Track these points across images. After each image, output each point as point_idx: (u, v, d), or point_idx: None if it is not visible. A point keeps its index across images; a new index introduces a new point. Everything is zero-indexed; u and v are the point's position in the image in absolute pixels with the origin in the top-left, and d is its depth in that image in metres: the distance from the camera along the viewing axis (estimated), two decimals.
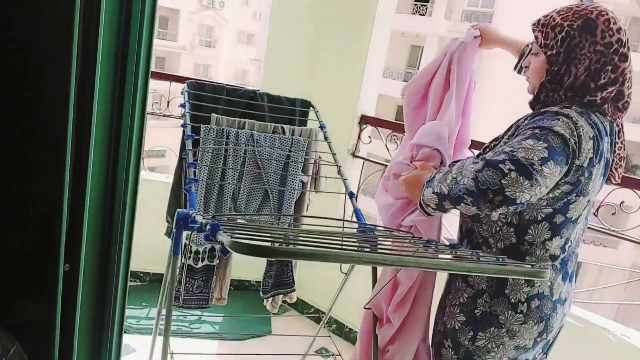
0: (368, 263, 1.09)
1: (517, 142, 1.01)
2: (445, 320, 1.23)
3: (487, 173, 0.98)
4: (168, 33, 20.89)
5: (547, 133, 1.00)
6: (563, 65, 1.10)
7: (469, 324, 1.18)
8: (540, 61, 1.15)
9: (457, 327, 1.19)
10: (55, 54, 0.59)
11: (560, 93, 1.12)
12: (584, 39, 1.07)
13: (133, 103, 0.70)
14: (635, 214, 1.88)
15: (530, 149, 0.98)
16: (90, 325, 0.76)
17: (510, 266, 1.02)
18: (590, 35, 1.07)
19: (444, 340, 1.22)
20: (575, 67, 1.09)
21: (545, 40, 1.12)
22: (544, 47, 1.12)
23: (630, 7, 15.15)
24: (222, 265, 1.85)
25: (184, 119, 1.64)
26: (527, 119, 1.12)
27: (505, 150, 1.00)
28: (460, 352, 1.19)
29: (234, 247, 0.76)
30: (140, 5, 0.66)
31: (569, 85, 1.11)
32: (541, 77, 1.15)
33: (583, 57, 1.08)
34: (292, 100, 1.93)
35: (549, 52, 1.12)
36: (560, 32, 1.09)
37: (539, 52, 1.15)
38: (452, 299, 1.22)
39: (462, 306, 1.19)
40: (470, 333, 1.17)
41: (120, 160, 0.71)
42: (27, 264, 0.66)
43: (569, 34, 1.08)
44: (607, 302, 9.98)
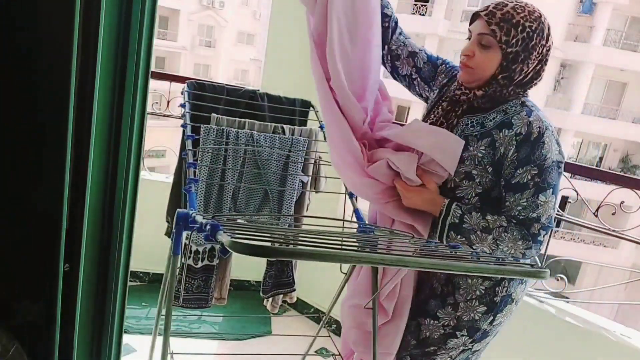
0: (368, 263, 1.09)
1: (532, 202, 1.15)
2: (459, 316, 1.26)
3: (532, 250, 1.18)
4: (168, 33, 20.88)
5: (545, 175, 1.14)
6: (519, 65, 1.16)
7: (489, 312, 1.25)
8: (493, 55, 1.16)
9: (477, 317, 1.26)
10: (55, 53, 0.59)
11: (510, 89, 1.19)
12: (538, 41, 1.15)
13: (133, 103, 0.70)
14: (635, 214, 1.88)
15: (546, 206, 1.15)
16: (90, 325, 0.76)
17: (509, 266, 1.03)
18: (542, 38, 1.15)
19: (457, 332, 1.27)
20: (527, 66, 1.16)
21: (506, 37, 1.13)
22: (504, 44, 1.14)
23: (630, 7, 15.14)
24: (222, 265, 1.85)
25: (184, 119, 1.64)
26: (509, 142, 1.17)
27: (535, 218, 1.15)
28: (477, 335, 1.27)
29: (233, 247, 0.76)
30: (140, 5, 0.66)
31: (517, 82, 1.18)
32: (491, 71, 1.17)
33: (534, 57, 1.16)
34: (292, 100, 1.93)
35: (508, 50, 1.14)
36: (522, 31, 1.13)
37: (494, 47, 1.15)
38: (465, 294, 1.25)
39: (480, 299, 1.24)
40: (490, 318, 1.26)
41: (120, 160, 0.71)
42: (27, 264, 0.66)
43: (529, 35, 1.13)
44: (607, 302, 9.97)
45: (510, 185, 1.17)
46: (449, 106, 1.29)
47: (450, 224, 1.19)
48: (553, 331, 1.98)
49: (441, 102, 1.33)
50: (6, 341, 0.63)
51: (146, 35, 0.68)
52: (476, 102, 1.23)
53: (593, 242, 14.88)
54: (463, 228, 1.18)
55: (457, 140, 1.22)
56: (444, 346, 1.29)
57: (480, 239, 1.17)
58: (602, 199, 1.94)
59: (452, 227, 1.19)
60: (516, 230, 1.16)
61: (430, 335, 1.30)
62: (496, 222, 1.17)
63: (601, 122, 15.55)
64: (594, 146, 16.66)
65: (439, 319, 1.28)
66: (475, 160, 1.20)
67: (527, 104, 1.20)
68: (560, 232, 14.76)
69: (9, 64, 0.61)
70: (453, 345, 1.29)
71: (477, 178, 1.20)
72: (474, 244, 1.18)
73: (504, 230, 1.16)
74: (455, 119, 1.26)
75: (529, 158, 1.15)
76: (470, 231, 1.17)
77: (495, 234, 1.16)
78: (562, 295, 2.13)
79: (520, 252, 1.17)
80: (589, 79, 15.50)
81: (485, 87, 1.20)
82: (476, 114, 1.24)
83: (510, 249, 1.17)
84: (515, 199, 1.16)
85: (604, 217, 1.97)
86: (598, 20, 15.41)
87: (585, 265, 14.41)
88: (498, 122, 1.19)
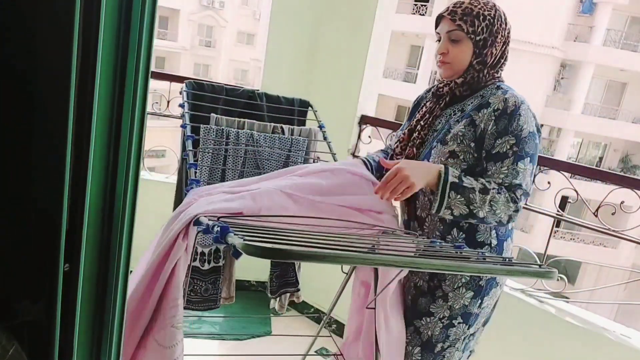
0: (380, 264, 1.09)
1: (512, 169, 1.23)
2: (451, 305, 1.32)
3: (517, 214, 1.24)
4: (168, 33, 20.87)
5: (522, 144, 1.23)
6: (489, 48, 1.30)
7: (476, 296, 1.32)
8: (464, 47, 1.30)
9: (467, 303, 1.32)
10: (55, 53, 0.59)
11: (485, 72, 1.32)
12: (499, 25, 1.30)
13: (133, 103, 0.70)
14: (635, 214, 1.88)
15: (525, 173, 1.24)
16: (90, 325, 0.76)
17: (518, 267, 1.03)
18: (502, 22, 1.30)
19: (453, 320, 1.32)
20: (495, 48, 1.31)
21: (472, 27, 1.27)
22: (472, 34, 1.28)
23: (631, 7, 15.14)
24: (227, 264, 1.85)
25: (183, 119, 1.64)
26: (488, 118, 1.27)
27: (519, 184, 1.23)
28: (471, 320, 1.34)
29: (247, 250, 0.76)
30: (140, 5, 0.66)
31: (491, 64, 1.32)
32: (467, 61, 1.31)
33: (500, 40, 1.31)
34: (290, 100, 1.93)
35: (477, 38, 1.28)
36: (484, 20, 1.28)
37: (463, 39, 1.29)
38: (452, 284, 1.31)
39: (466, 285, 1.31)
40: (479, 302, 1.33)
41: (120, 160, 0.71)
42: (27, 264, 0.66)
43: (491, 21, 1.28)
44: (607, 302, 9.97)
45: (490, 156, 1.26)
46: (432, 102, 1.41)
47: (452, 182, 1.21)
48: (553, 331, 1.97)
49: (424, 104, 1.45)
50: (6, 341, 0.63)
51: (146, 35, 0.68)
52: (457, 90, 1.34)
53: (593, 242, 14.89)
54: (464, 187, 1.21)
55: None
56: (447, 339, 1.33)
57: (480, 201, 1.20)
58: (602, 199, 1.94)
59: (453, 187, 1.21)
60: (505, 192, 1.23)
61: (432, 333, 1.33)
62: (490, 184, 1.23)
63: (601, 122, 15.54)
64: (594, 146, 16.66)
65: (434, 314, 1.33)
66: (457, 139, 1.29)
67: (502, 87, 1.32)
68: (560, 232, 14.76)
69: (8, 64, 0.61)
70: (454, 335, 1.33)
71: (461, 155, 1.29)
72: (472, 204, 1.20)
73: (497, 192, 1.22)
74: (439, 110, 1.38)
75: (507, 129, 1.24)
76: (471, 190, 1.20)
77: (491, 195, 1.21)
78: (562, 295, 2.13)
79: (509, 214, 1.23)
80: (589, 79, 15.49)
81: (464, 75, 1.33)
82: (457, 103, 1.36)
83: (503, 212, 1.22)
84: (497, 167, 1.25)
85: (604, 217, 1.97)
86: (598, 20, 15.41)
87: (585, 265, 14.41)
88: (476, 104, 1.31)
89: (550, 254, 2.27)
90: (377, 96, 2.77)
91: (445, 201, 1.21)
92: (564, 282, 2.00)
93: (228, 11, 22.51)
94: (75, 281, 0.69)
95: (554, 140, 16.50)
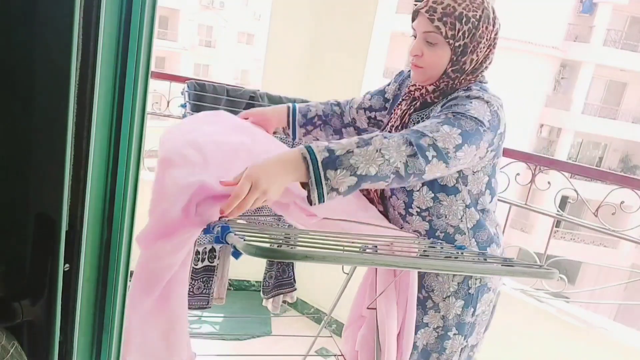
0: (380, 265, 1.09)
1: (435, 125, 1.06)
2: (443, 315, 1.26)
3: (416, 160, 1.01)
4: (168, 33, 20.88)
5: (459, 117, 1.07)
6: (469, 55, 1.15)
7: (468, 304, 1.26)
8: (441, 52, 1.15)
9: (459, 312, 1.26)
10: (55, 53, 0.59)
11: (461, 79, 1.18)
12: (485, 28, 1.14)
13: (133, 103, 0.70)
14: (635, 214, 1.88)
15: (447, 136, 1.04)
16: (90, 325, 0.76)
17: (518, 267, 1.03)
18: (489, 24, 1.14)
19: (448, 332, 1.27)
20: (476, 54, 1.16)
21: (452, 31, 1.12)
22: (451, 39, 1.12)
23: (630, 7, 15.14)
24: (221, 264, 1.85)
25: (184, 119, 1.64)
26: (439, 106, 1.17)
27: (427, 134, 1.04)
28: (466, 330, 1.28)
29: (248, 250, 0.76)
30: (140, 5, 0.66)
31: (469, 70, 1.17)
32: (442, 68, 1.17)
33: (482, 44, 1.15)
34: (291, 100, 1.93)
35: (456, 44, 1.13)
36: (467, 23, 1.12)
37: (440, 43, 1.13)
38: (440, 294, 1.26)
39: (455, 294, 1.25)
40: (471, 310, 1.26)
41: (120, 160, 0.71)
42: (26, 264, 0.66)
43: (475, 25, 1.12)
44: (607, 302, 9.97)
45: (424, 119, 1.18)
46: (405, 105, 1.29)
47: (323, 161, 0.94)
48: (553, 331, 1.98)
49: (400, 103, 1.33)
50: (6, 341, 0.63)
51: (146, 36, 0.68)
52: (429, 96, 1.23)
53: (593, 242, 14.89)
54: (336, 156, 0.95)
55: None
56: (443, 352, 1.29)
57: (363, 156, 0.96)
58: (602, 199, 1.94)
59: (326, 165, 0.94)
60: (396, 136, 1.02)
61: (427, 342, 1.31)
62: (370, 134, 1.03)
63: (601, 122, 15.55)
64: (594, 146, 16.66)
65: (428, 324, 1.29)
66: None
67: (473, 88, 1.17)
68: (560, 232, 14.77)
69: (8, 64, 0.61)
70: (450, 348, 1.29)
71: None
72: (358, 167, 0.96)
73: (383, 137, 1.01)
74: (407, 117, 1.26)
75: (450, 107, 1.12)
76: (348, 155, 0.96)
77: (376, 143, 0.99)
78: (562, 295, 2.13)
79: (404, 158, 1.00)
80: (589, 79, 15.50)
81: (436, 82, 1.19)
82: (426, 108, 1.24)
83: (397, 159, 0.99)
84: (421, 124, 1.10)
85: (604, 217, 1.97)
86: (598, 20, 15.42)
87: (585, 265, 14.41)
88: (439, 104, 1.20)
89: (550, 254, 2.27)
90: None
91: (325, 186, 0.94)
92: (564, 282, 2.00)
93: (228, 11, 22.51)
94: (75, 281, 0.69)
95: (554, 141, 16.51)
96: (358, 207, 1.32)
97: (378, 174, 0.98)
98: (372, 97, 1.43)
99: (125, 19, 0.66)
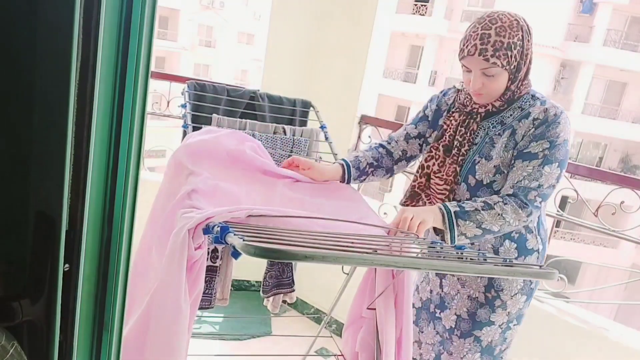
0: (380, 265, 1.08)
1: (537, 170, 1.25)
2: (509, 311, 1.37)
3: (531, 214, 1.26)
4: (168, 33, 20.87)
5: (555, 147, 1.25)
6: (523, 69, 1.29)
7: (528, 298, 1.39)
8: (500, 78, 1.27)
9: (521, 306, 1.38)
10: (55, 53, 0.59)
11: (520, 86, 1.32)
12: (527, 41, 1.28)
13: (133, 103, 0.70)
14: (635, 214, 1.88)
15: (549, 176, 1.25)
16: (90, 325, 0.76)
17: (519, 267, 1.03)
18: (529, 36, 1.28)
19: (510, 324, 1.39)
20: (526, 64, 1.30)
21: (506, 59, 1.24)
22: (507, 65, 1.25)
23: (630, 7, 15.13)
24: (223, 265, 1.85)
25: (184, 119, 1.64)
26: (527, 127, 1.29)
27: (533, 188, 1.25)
28: (522, 319, 1.42)
29: (247, 250, 0.76)
30: (140, 5, 0.66)
31: (522, 77, 1.31)
32: (502, 89, 1.30)
33: (529, 54, 1.30)
34: (292, 100, 1.93)
35: (512, 67, 1.26)
36: (515, 47, 1.25)
37: (498, 73, 1.26)
38: (509, 291, 1.35)
39: (522, 290, 1.36)
40: (529, 302, 1.40)
41: (120, 160, 0.71)
42: (26, 264, 0.66)
43: (521, 45, 1.26)
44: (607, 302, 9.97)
45: (521, 154, 1.28)
46: (463, 116, 1.39)
47: (455, 212, 1.24)
48: (553, 331, 1.97)
49: (451, 115, 1.42)
50: (5, 341, 0.63)
51: (146, 36, 0.68)
52: (493, 108, 1.34)
53: (593, 242, 14.88)
54: (465, 210, 1.25)
55: None
56: (505, 342, 1.41)
57: (488, 217, 1.24)
58: (602, 199, 1.94)
59: (457, 214, 1.24)
60: (512, 201, 1.25)
61: (492, 339, 1.39)
62: (492, 199, 1.27)
63: (601, 122, 15.54)
64: (594, 146, 16.65)
65: (494, 322, 1.38)
66: (500, 153, 1.31)
67: (537, 97, 1.33)
68: (560, 232, 14.76)
69: (8, 64, 0.61)
70: (510, 337, 1.41)
71: (505, 170, 1.30)
72: (482, 223, 1.24)
73: (504, 203, 1.25)
74: (474, 125, 1.36)
75: (543, 134, 1.26)
76: (475, 212, 1.24)
77: (498, 208, 1.24)
78: (562, 295, 2.13)
79: (523, 220, 1.26)
80: (589, 79, 15.49)
81: (500, 97, 1.32)
82: (494, 115, 1.35)
83: (515, 220, 1.25)
84: (523, 165, 1.27)
85: (604, 217, 1.97)
86: (598, 20, 15.40)
87: (585, 265, 14.41)
88: (517, 116, 1.31)
89: (550, 253, 2.26)
90: (377, 96, 2.77)
91: (456, 230, 1.24)
92: (564, 282, 2.00)
93: (228, 11, 22.51)
94: (75, 281, 0.69)
95: None
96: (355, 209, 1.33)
97: (499, 231, 1.26)
98: (417, 125, 1.54)
99: (125, 19, 0.66)
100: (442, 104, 1.48)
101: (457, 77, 15.95)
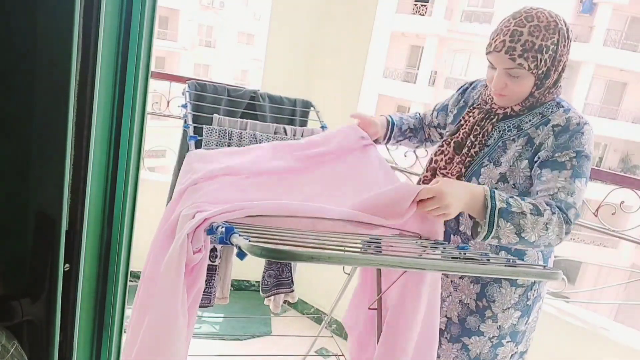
0: (383, 265, 1.08)
1: (569, 184, 1.12)
2: (500, 325, 1.28)
3: (567, 237, 1.12)
4: (168, 33, 20.87)
5: (582, 160, 1.15)
6: (552, 76, 1.18)
7: (524, 315, 1.29)
8: (525, 81, 1.17)
9: (515, 322, 1.28)
10: (55, 54, 0.59)
11: (546, 94, 1.21)
12: (562, 46, 1.15)
13: (133, 103, 0.70)
14: (635, 214, 1.88)
15: (580, 192, 1.13)
16: (90, 325, 0.76)
17: (523, 267, 1.03)
18: (566, 41, 1.16)
19: (502, 340, 1.29)
20: (557, 71, 1.18)
21: (534, 62, 1.13)
22: (534, 69, 1.14)
23: (630, 7, 15.14)
24: (222, 264, 1.85)
25: (185, 119, 1.64)
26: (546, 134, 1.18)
27: (573, 205, 1.12)
28: (519, 338, 1.31)
29: (252, 251, 0.76)
30: (140, 5, 0.66)
31: (550, 85, 1.20)
32: (526, 93, 1.20)
33: (563, 61, 1.17)
34: (292, 100, 1.93)
35: (539, 72, 1.15)
36: (547, 51, 1.13)
37: (523, 75, 1.15)
38: (501, 305, 1.27)
39: (515, 306, 1.27)
40: (525, 319, 1.29)
41: (120, 160, 0.71)
42: (26, 264, 0.66)
43: (554, 49, 1.14)
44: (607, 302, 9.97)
45: (547, 163, 1.15)
46: (482, 114, 1.30)
47: (500, 209, 1.07)
48: (553, 331, 1.97)
49: (471, 110, 1.34)
50: (6, 341, 0.63)
51: (146, 35, 0.68)
52: (512, 112, 1.25)
53: (593, 242, 14.87)
54: (512, 212, 1.07)
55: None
56: (495, 358, 1.31)
57: (531, 224, 1.07)
58: (602, 199, 1.94)
59: (502, 213, 1.07)
60: (559, 212, 1.10)
61: (480, 351, 1.31)
62: (541, 204, 1.10)
63: (601, 122, 15.54)
64: (594, 146, 16.62)
65: (484, 333, 1.29)
66: (510, 161, 1.21)
67: (563, 105, 1.22)
68: None
69: (8, 64, 0.61)
70: (502, 354, 1.31)
71: (511, 180, 1.21)
72: (523, 231, 1.07)
73: (552, 212, 1.09)
74: (490, 126, 1.28)
75: (567, 144, 1.15)
76: (521, 215, 1.07)
77: (546, 216, 1.08)
78: (562, 295, 2.13)
79: (561, 238, 1.11)
80: (589, 79, 15.49)
81: (522, 102, 1.22)
82: (512, 118, 1.26)
83: (555, 235, 1.10)
84: (554, 175, 1.13)
85: (604, 217, 1.97)
86: (598, 20, 15.40)
87: (585, 265, 14.40)
88: (535, 122, 1.22)
89: None
90: (377, 96, 2.77)
91: (494, 231, 1.08)
92: (564, 282, 2.00)
93: (228, 11, 22.50)
94: (75, 281, 0.69)
95: None
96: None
97: (535, 242, 1.10)
98: (438, 114, 1.50)
99: (125, 19, 0.66)
100: (468, 99, 1.40)
101: (457, 77, 15.95)
